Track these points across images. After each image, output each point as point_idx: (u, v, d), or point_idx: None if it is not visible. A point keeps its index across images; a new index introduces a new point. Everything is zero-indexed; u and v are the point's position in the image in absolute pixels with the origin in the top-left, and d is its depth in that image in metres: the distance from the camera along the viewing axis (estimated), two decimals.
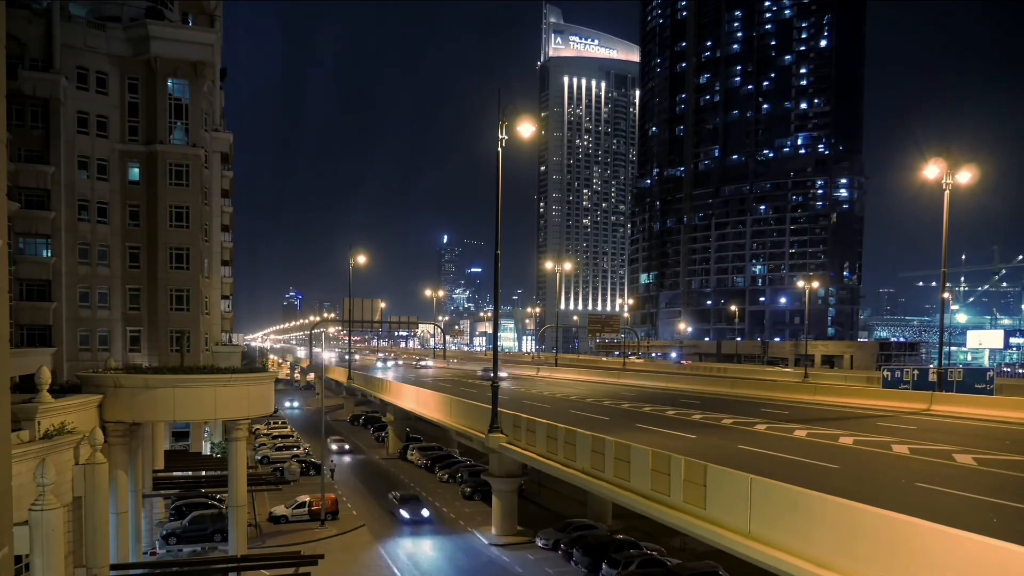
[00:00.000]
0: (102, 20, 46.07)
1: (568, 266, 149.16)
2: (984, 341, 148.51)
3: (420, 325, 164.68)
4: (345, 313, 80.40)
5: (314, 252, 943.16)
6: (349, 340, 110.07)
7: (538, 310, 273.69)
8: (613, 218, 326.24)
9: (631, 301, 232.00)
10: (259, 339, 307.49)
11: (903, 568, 13.79)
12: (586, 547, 35.68)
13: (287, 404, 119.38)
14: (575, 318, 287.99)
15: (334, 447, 71.34)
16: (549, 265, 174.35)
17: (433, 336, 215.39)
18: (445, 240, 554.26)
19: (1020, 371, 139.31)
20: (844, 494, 16.23)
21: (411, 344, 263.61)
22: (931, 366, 59.09)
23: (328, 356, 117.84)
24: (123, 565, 25.86)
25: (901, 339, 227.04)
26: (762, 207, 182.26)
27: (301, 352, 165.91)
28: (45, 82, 42.34)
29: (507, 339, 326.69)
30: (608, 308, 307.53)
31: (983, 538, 12.65)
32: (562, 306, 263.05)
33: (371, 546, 39.92)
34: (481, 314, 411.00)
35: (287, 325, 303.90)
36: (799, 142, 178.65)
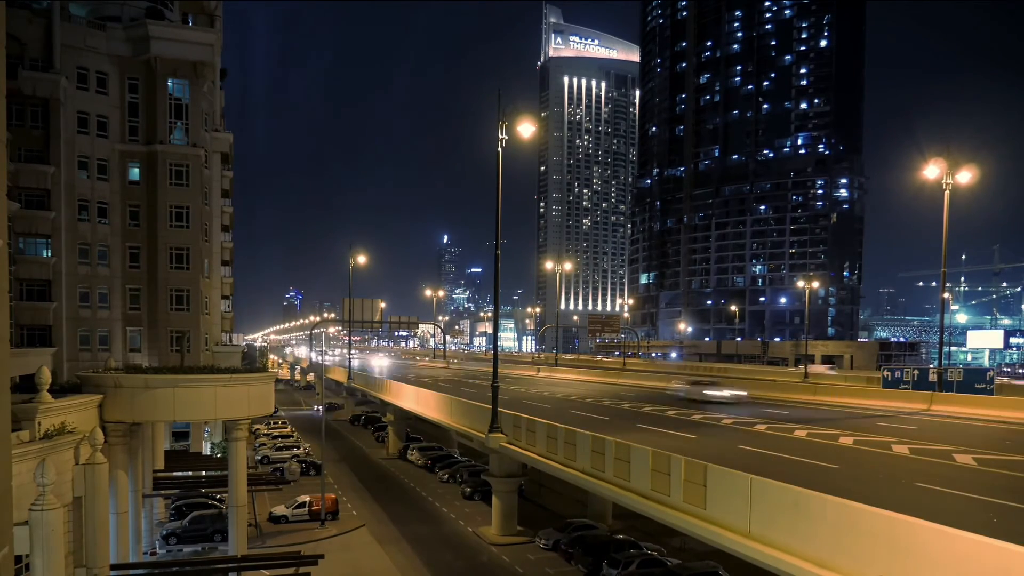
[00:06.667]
0: (102, 20, 46.12)
1: (568, 266, 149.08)
2: (984, 341, 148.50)
3: (420, 325, 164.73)
4: (345, 313, 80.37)
5: (314, 252, 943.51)
6: (349, 340, 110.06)
7: (538, 310, 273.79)
8: (613, 218, 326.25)
9: (631, 301, 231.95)
10: (259, 339, 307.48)
11: (903, 568, 13.79)
12: (586, 547, 35.66)
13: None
14: (575, 318, 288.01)
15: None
16: (549, 265, 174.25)
17: (433, 336, 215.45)
18: (445, 240, 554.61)
19: (1020, 371, 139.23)
20: (844, 494, 16.24)
21: (411, 344, 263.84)
22: (931, 366, 59.06)
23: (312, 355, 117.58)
24: (123, 565, 25.87)
25: (901, 339, 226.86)
26: (762, 207, 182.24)
27: (301, 351, 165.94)
28: (45, 82, 42.37)
29: (507, 339, 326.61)
30: (608, 308, 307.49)
31: (983, 538, 12.65)
32: (562, 306, 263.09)
33: (371, 546, 39.91)
34: (481, 314, 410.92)
35: (287, 325, 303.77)
36: (799, 142, 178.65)
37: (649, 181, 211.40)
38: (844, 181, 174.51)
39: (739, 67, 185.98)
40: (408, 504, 49.86)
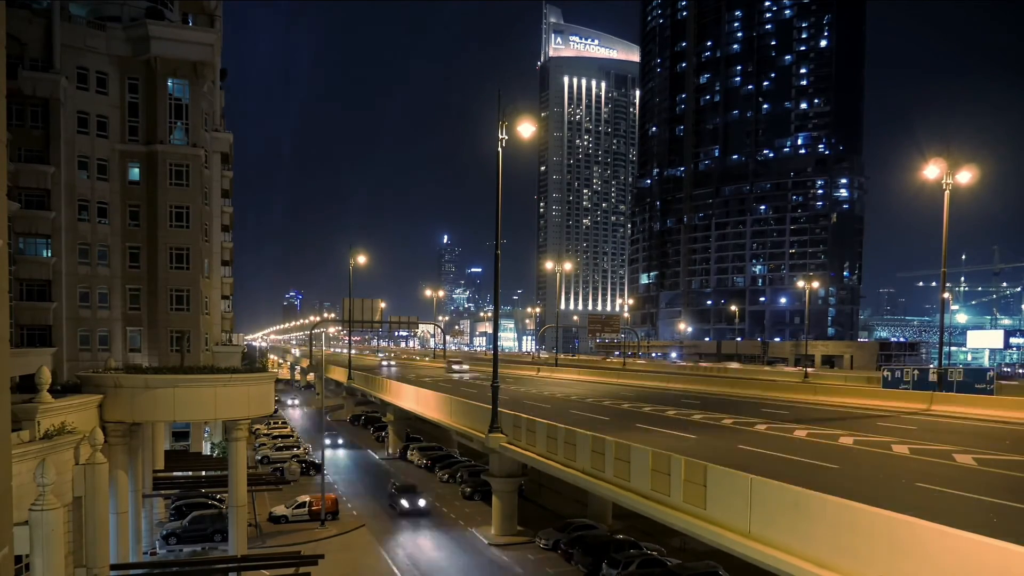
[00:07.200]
0: (102, 20, 46.09)
1: (568, 266, 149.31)
2: (984, 341, 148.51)
3: (420, 325, 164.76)
4: (345, 313, 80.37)
5: (314, 252, 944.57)
6: (349, 340, 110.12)
7: (538, 310, 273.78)
8: (613, 218, 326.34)
9: (631, 301, 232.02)
10: (259, 339, 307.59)
11: (903, 568, 13.79)
12: (586, 547, 35.65)
13: (288, 402, 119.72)
14: (575, 318, 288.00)
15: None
16: (549, 265, 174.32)
17: (433, 336, 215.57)
18: (445, 240, 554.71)
19: (1020, 371, 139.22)
20: (844, 494, 16.24)
21: (411, 344, 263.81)
22: (931, 366, 59.05)
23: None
24: (123, 565, 25.86)
25: (901, 339, 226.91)
26: (762, 207, 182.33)
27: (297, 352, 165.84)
28: (45, 82, 42.35)
29: (507, 339, 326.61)
30: (608, 308, 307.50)
31: (983, 538, 12.66)
32: (562, 306, 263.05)
33: (371, 546, 39.91)
34: (481, 314, 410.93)
35: (287, 325, 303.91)
36: (799, 142, 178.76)
37: (649, 181, 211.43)
38: (844, 181, 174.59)
39: (739, 67, 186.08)
40: None
